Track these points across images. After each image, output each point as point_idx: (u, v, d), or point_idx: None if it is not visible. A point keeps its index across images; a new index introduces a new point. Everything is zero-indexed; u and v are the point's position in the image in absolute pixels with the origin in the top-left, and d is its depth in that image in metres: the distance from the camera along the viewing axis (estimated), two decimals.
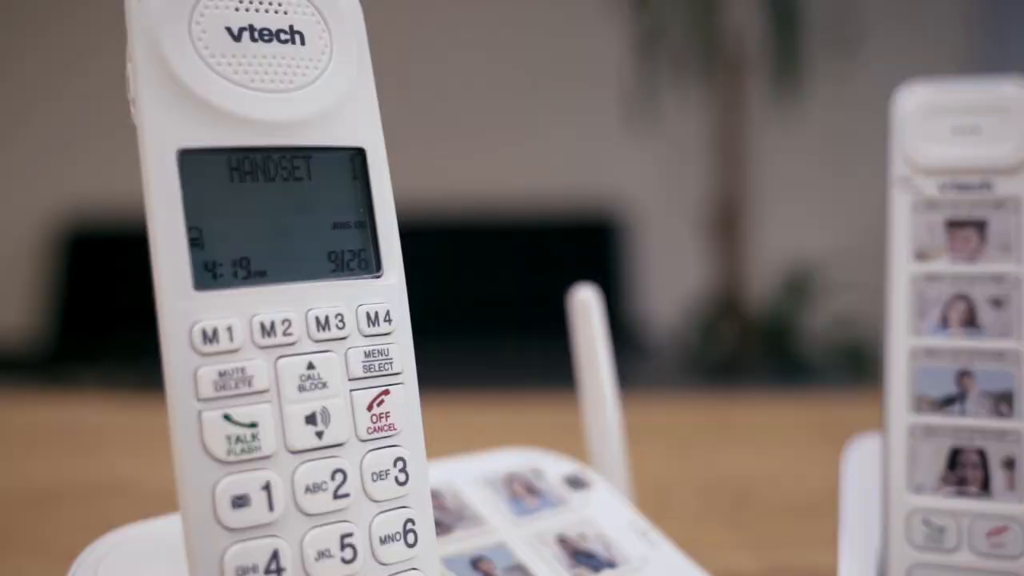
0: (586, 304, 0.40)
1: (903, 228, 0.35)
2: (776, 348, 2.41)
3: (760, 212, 2.50)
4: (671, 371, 2.42)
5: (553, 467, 0.41)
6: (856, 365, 2.26)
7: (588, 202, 2.62)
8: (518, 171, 2.62)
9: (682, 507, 0.57)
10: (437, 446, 0.42)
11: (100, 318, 2.45)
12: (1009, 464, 0.33)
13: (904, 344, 0.34)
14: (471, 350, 2.33)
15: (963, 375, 0.34)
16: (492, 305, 2.54)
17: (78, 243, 2.57)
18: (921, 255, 0.35)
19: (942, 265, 0.34)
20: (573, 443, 0.45)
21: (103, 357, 1.97)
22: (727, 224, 2.42)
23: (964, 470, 0.33)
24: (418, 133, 2.48)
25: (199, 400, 0.26)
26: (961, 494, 0.33)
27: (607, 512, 0.39)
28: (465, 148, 2.60)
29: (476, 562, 0.34)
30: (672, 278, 2.61)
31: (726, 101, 2.38)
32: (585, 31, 2.53)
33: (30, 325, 2.57)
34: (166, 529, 0.31)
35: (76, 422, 0.80)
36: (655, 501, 0.57)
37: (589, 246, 2.61)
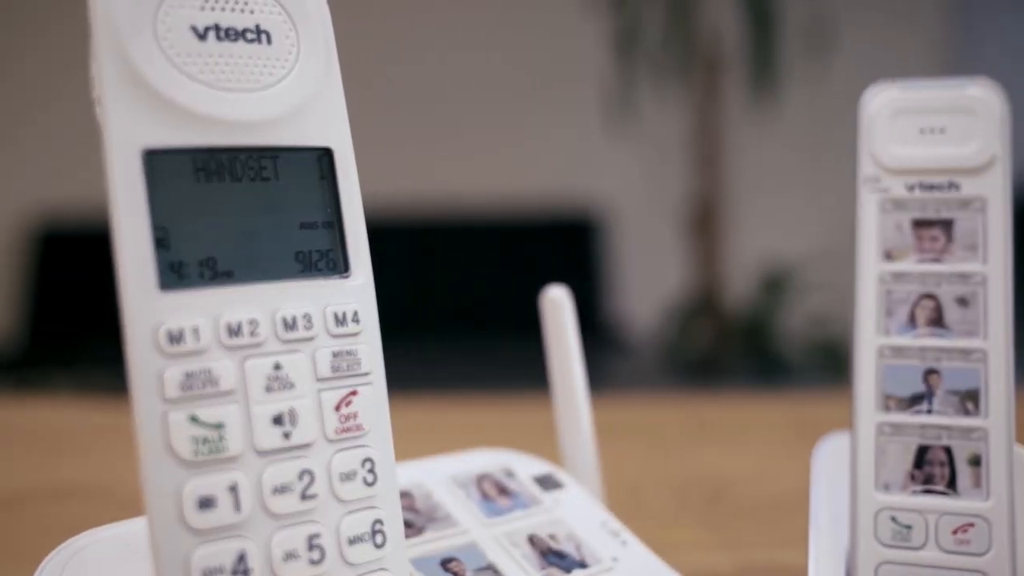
0: (557, 303, 0.40)
1: (871, 228, 0.35)
2: (754, 347, 2.42)
3: (738, 211, 2.51)
4: (650, 370, 2.43)
5: (525, 467, 0.41)
6: (833, 363, 2.27)
7: (568, 202, 2.62)
8: (498, 171, 2.62)
9: (657, 506, 0.57)
10: (414, 447, 0.42)
11: (74, 320, 2.43)
12: (975, 461, 0.33)
13: (872, 343, 0.35)
14: (451, 350, 2.32)
15: (930, 373, 0.34)
16: (473, 305, 2.54)
17: (50, 242, 2.54)
18: (889, 254, 0.35)
19: (909, 264, 0.35)
20: (552, 443, 0.45)
21: (77, 360, 1.96)
22: (705, 223, 2.43)
23: (931, 468, 0.34)
24: (397, 133, 2.48)
25: (165, 401, 0.25)
26: (928, 492, 0.34)
27: (579, 512, 0.39)
28: (445, 148, 2.60)
29: (446, 563, 0.34)
30: (652, 277, 2.62)
31: (704, 101, 2.39)
32: (565, 31, 2.54)
33: (1, 327, 2.55)
34: (134, 531, 0.31)
35: (47, 425, 0.79)
36: (631, 500, 0.57)
37: (569, 246, 2.62)
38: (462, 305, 2.56)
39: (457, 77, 2.60)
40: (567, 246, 2.61)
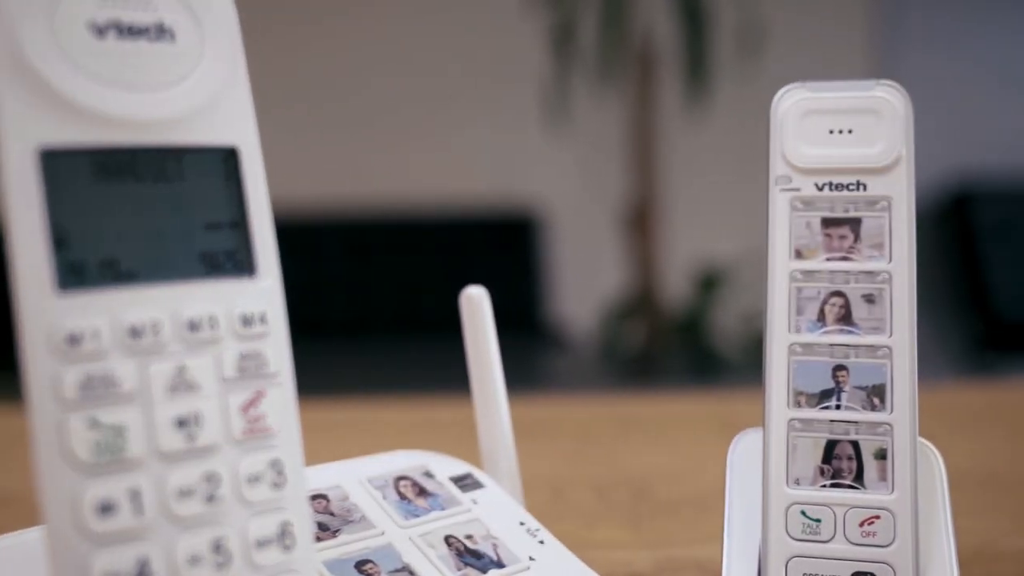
0: (475, 303, 0.40)
1: (782, 226, 0.36)
2: (690, 344, 2.44)
3: (673, 210, 2.53)
4: (588, 368, 2.45)
5: (444, 468, 0.41)
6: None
7: (506, 201, 2.62)
8: (436, 170, 2.62)
9: (580, 505, 0.58)
10: (339, 447, 0.42)
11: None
12: (881, 455, 0.34)
13: (783, 340, 0.35)
14: (391, 350, 2.31)
15: (838, 370, 0.35)
16: (411, 305, 2.53)
17: None
18: (799, 253, 0.35)
19: (819, 262, 0.35)
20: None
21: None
22: (641, 222, 2.45)
23: (839, 462, 0.34)
24: (334, 133, 2.46)
25: (64, 405, 0.25)
26: (836, 486, 0.34)
27: (497, 512, 0.39)
28: (382, 147, 2.59)
29: (361, 565, 0.34)
30: (589, 276, 2.63)
31: (638, 100, 2.40)
32: (503, 31, 2.54)
33: None
34: (36, 539, 0.31)
35: None
36: (554, 499, 0.58)
37: (507, 245, 2.62)
38: (401, 305, 2.55)
39: (395, 76, 2.59)
40: (505, 245, 2.61)
